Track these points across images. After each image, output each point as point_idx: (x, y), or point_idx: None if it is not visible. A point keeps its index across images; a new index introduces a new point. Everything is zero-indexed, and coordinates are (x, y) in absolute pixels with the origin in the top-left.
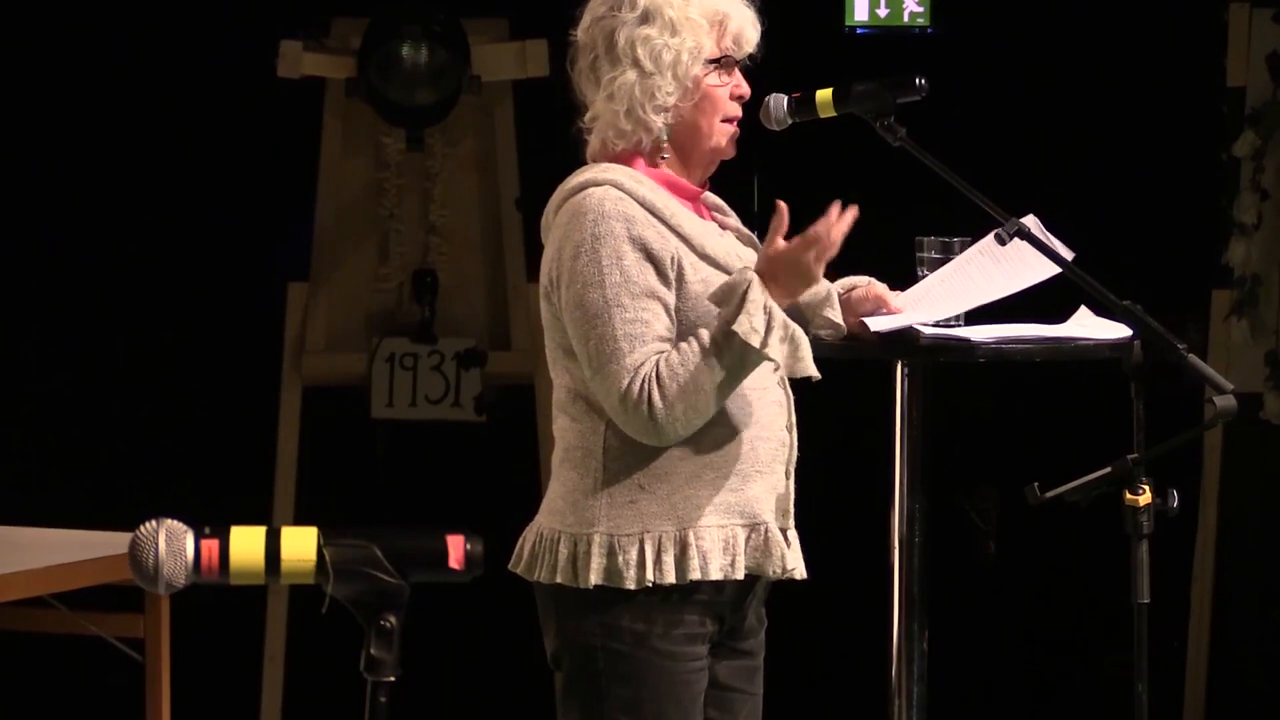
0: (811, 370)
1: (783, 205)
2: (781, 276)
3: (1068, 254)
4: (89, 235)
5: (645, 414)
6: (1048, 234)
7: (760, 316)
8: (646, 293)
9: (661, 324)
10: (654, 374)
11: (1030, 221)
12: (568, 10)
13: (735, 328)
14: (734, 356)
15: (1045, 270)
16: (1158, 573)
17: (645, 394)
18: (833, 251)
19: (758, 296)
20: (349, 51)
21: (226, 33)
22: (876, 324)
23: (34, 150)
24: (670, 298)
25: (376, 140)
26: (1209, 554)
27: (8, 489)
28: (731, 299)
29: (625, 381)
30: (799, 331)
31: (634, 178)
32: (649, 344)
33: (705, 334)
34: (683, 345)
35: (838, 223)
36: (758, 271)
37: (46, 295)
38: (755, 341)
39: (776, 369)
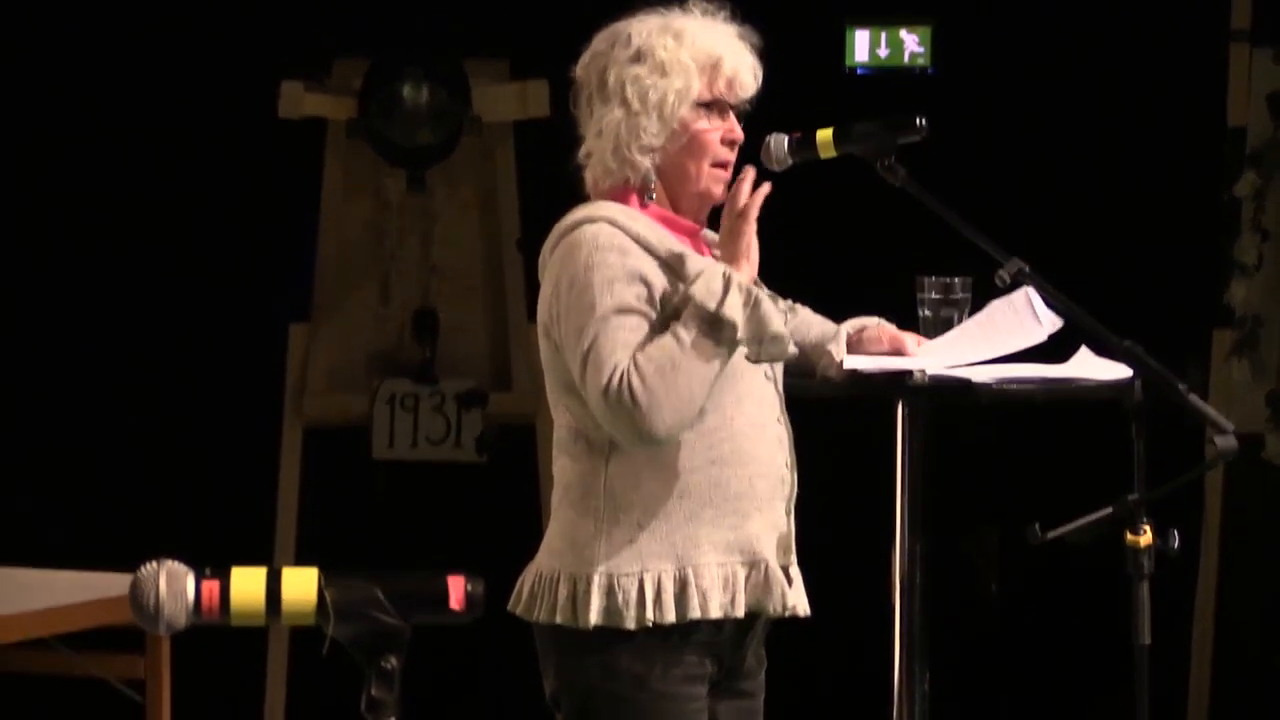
0: (790, 349)
1: (749, 169)
2: (725, 253)
3: (1055, 322)
4: (90, 276)
5: (629, 404)
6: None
7: (718, 280)
8: (634, 310)
9: (645, 337)
10: (631, 365)
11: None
12: (568, 51)
13: (692, 292)
14: (698, 324)
15: (1035, 335)
16: (1159, 613)
17: (625, 384)
18: (744, 223)
19: (714, 266)
20: (350, 92)
21: (228, 73)
22: (853, 362)
23: (34, 190)
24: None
25: (377, 181)
26: (1210, 595)
27: (9, 530)
28: (691, 276)
29: (605, 378)
30: (767, 303)
31: (628, 214)
32: (629, 348)
33: (675, 323)
34: (657, 337)
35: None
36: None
37: (48, 335)
38: (711, 304)
39: (757, 360)
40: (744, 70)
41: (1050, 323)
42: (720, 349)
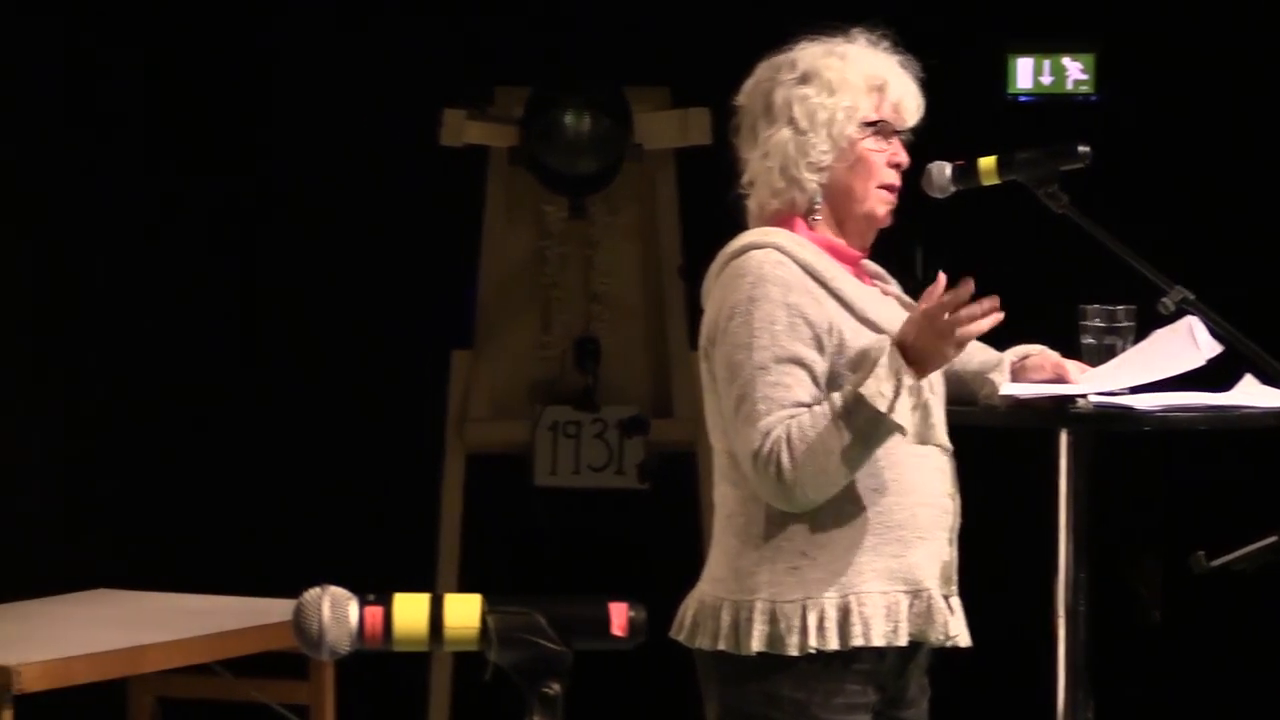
0: (942, 440)
1: (942, 277)
2: (914, 349)
3: (1214, 348)
4: (256, 304)
5: (774, 475)
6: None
7: (889, 382)
8: (792, 359)
9: (804, 390)
10: (785, 436)
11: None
12: (730, 78)
13: (862, 391)
14: (861, 421)
15: (1193, 360)
16: None
17: (774, 455)
18: (967, 336)
19: (889, 362)
20: (512, 120)
21: (391, 101)
22: (1013, 389)
23: (198, 217)
24: (820, 365)
25: (539, 208)
26: None
27: (175, 557)
28: (865, 364)
29: (757, 443)
30: (933, 401)
31: (795, 241)
32: (785, 408)
33: (837, 397)
34: (815, 409)
35: (971, 305)
36: (898, 341)
37: (214, 362)
38: (881, 406)
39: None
40: (908, 97)
41: (1209, 348)
42: (877, 443)
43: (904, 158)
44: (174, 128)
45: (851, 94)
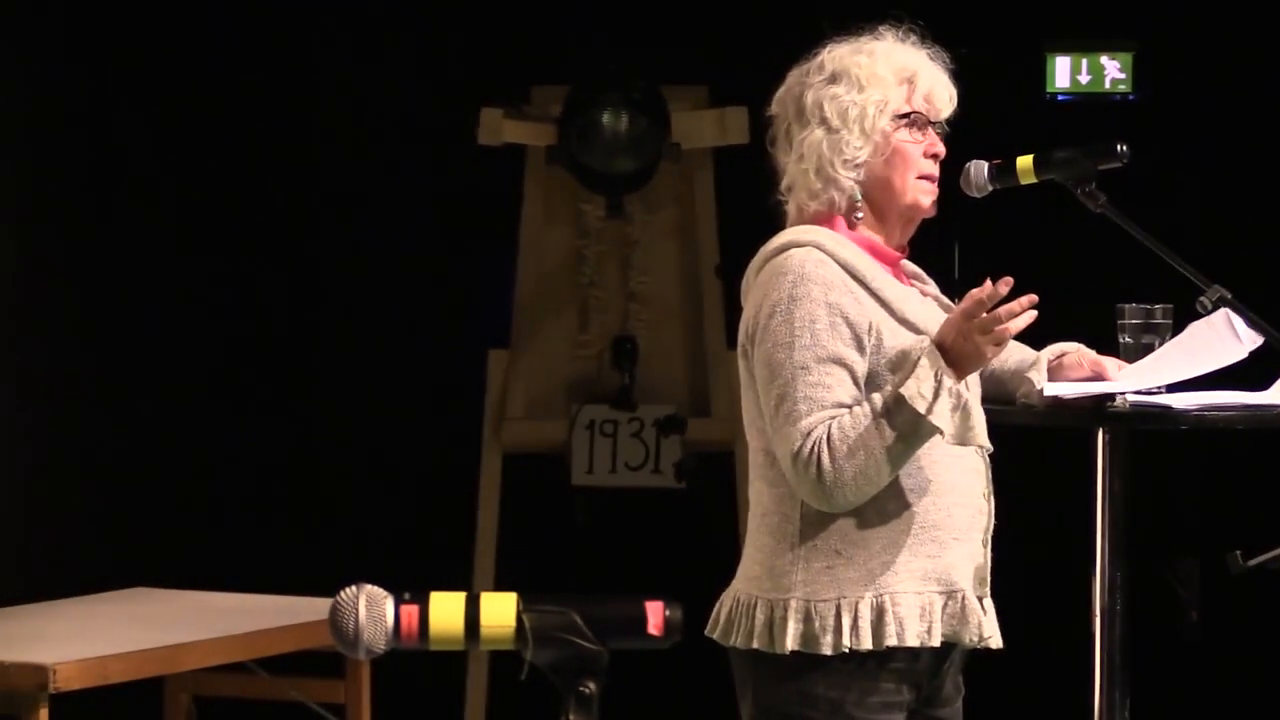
0: (983, 441)
1: (988, 284)
2: (953, 350)
3: (1255, 339)
4: (291, 303)
5: (814, 475)
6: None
7: (929, 383)
8: (833, 358)
9: (844, 390)
10: (825, 436)
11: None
12: (768, 78)
13: (903, 391)
14: (901, 422)
15: (1236, 352)
16: None
17: (815, 455)
18: (1005, 334)
19: (929, 363)
20: (549, 119)
21: (429, 100)
22: (1054, 389)
23: (232, 216)
24: (861, 365)
25: (576, 207)
26: None
27: (211, 556)
28: (905, 365)
29: (798, 443)
30: (972, 401)
31: (836, 240)
32: (826, 409)
33: (877, 398)
34: (855, 409)
35: (1010, 304)
36: (937, 342)
37: (247, 363)
38: (921, 407)
39: (945, 437)
40: (939, 86)
41: (1250, 340)
42: (917, 444)
43: (940, 148)
44: (207, 129)
45: (881, 88)
